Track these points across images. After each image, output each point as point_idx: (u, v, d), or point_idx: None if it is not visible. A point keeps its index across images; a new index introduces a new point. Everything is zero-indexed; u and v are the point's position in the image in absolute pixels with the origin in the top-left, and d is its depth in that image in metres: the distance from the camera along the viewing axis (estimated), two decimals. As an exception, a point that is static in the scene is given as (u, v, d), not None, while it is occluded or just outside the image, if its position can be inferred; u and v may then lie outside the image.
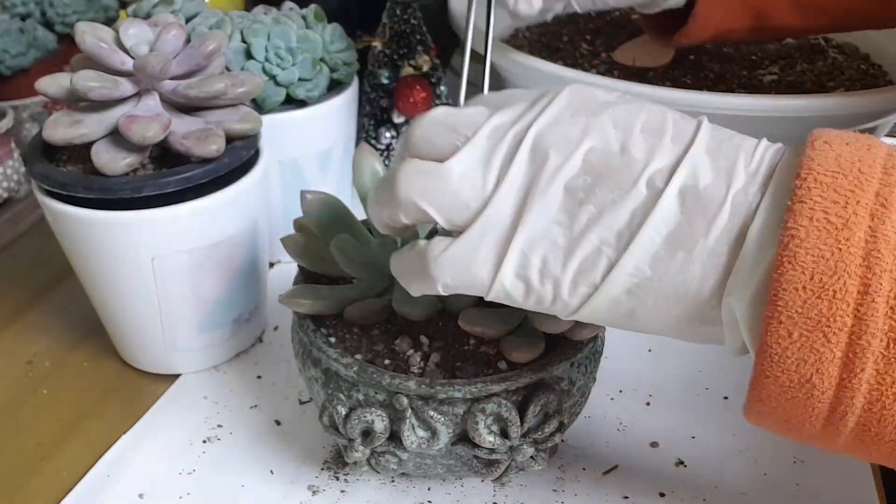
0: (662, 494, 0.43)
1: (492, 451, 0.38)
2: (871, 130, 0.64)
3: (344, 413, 0.39)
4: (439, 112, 0.33)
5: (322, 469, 0.45)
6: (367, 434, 0.39)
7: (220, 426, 0.48)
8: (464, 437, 0.38)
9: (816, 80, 0.70)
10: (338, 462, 0.45)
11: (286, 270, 0.62)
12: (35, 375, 0.52)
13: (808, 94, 0.63)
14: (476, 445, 0.38)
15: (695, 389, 0.50)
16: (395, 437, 0.39)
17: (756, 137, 0.33)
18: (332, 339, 0.41)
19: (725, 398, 0.49)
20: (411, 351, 0.41)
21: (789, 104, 0.58)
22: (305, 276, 0.45)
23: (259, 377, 0.52)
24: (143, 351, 0.51)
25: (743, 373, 0.30)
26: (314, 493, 0.43)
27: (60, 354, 0.54)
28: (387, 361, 0.40)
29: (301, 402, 0.49)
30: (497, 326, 0.39)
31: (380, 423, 0.38)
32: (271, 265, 0.62)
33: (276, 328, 0.56)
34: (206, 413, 0.49)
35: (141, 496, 0.43)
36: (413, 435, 0.38)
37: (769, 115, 0.58)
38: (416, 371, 0.40)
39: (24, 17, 0.72)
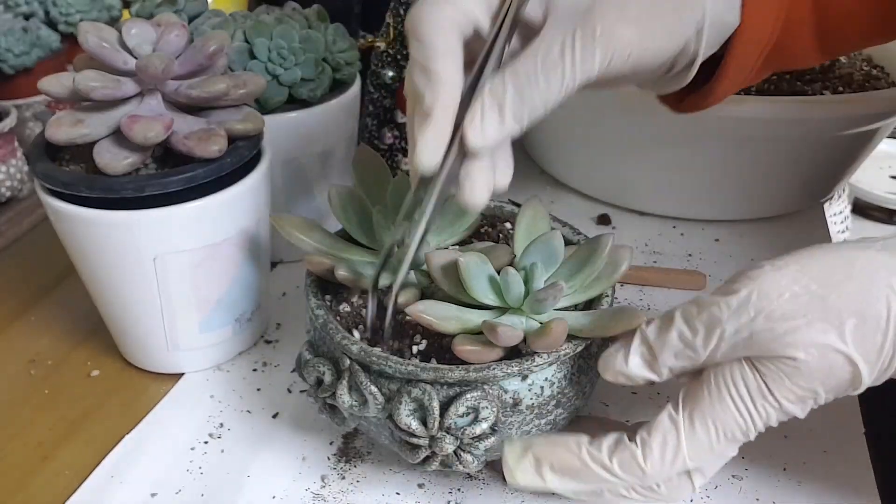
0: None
1: (412, 435, 0.39)
2: (874, 132, 0.64)
3: (305, 359, 0.42)
4: None
5: (326, 465, 0.45)
6: (320, 383, 0.41)
7: (223, 425, 0.48)
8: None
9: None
10: (342, 458, 0.45)
11: (288, 270, 0.62)
12: (37, 375, 0.52)
13: (810, 96, 0.63)
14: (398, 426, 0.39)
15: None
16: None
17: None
18: (332, 301, 0.44)
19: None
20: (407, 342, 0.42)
21: (792, 106, 0.58)
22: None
23: (262, 376, 0.52)
24: (146, 350, 0.51)
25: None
26: (320, 487, 0.44)
27: (62, 354, 0.54)
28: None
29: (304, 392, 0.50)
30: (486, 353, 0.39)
31: (329, 376, 0.40)
32: (273, 265, 0.62)
33: (278, 326, 0.56)
34: (210, 412, 0.49)
35: (154, 495, 0.43)
36: (346, 396, 0.40)
37: (772, 118, 0.58)
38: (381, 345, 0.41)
39: (27, 17, 0.72)
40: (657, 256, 0.63)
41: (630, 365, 0.38)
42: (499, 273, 0.40)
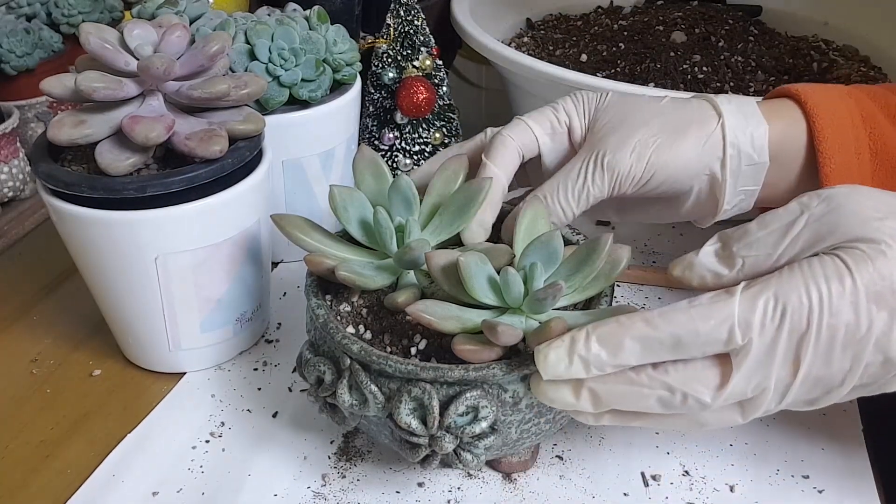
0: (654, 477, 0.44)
1: (412, 434, 0.39)
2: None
3: (306, 358, 0.42)
4: None
5: (327, 464, 0.45)
6: (321, 383, 0.41)
7: (224, 424, 0.48)
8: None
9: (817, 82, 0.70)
10: (343, 457, 0.46)
11: (288, 270, 0.62)
12: (39, 374, 0.53)
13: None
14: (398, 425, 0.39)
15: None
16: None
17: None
18: (332, 301, 0.44)
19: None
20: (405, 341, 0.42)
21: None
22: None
23: (262, 375, 0.52)
24: (147, 350, 0.52)
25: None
26: (321, 486, 0.44)
27: (64, 353, 0.54)
28: (377, 338, 0.42)
29: (303, 392, 0.50)
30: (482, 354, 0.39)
31: (329, 375, 0.41)
32: (274, 265, 0.62)
33: (278, 326, 0.56)
34: (211, 411, 0.49)
35: (155, 494, 0.44)
36: (346, 395, 0.40)
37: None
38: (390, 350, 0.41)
39: (29, 18, 0.72)
40: (656, 256, 0.63)
41: (700, 255, 0.37)
42: (498, 273, 0.40)
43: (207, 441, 0.47)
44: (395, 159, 0.70)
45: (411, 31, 0.68)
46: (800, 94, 0.47)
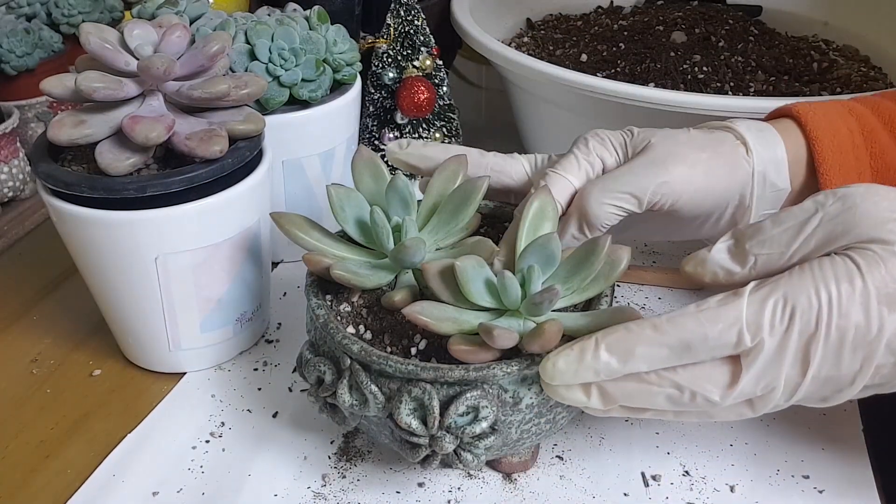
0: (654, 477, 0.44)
1: (412, 434, 0.39)
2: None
3: (306, 358, 0.42)
4: None
5: (327, 464, 0.45)
6: (321, 383, 0.41)
7: (224, 424, 0.48)
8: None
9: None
10: (343, 457, 0.46)
11: (289, 270, 0.62)
12: (39, 374, 0.53)
13: (808, 97, 0.63)
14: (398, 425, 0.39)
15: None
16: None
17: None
18: (332, 301, 0.44)
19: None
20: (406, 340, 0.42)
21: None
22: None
23: (263, 375, 0.52)
24: (147, 350, 0.52)
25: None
26: (321, 486, 0.44)
27: (64, 353, 0.54)
28: (377, 338, 0.42)
29: (304, 392, 0.50)
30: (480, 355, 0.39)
31: (329, 375, 0.41)
32: (274, 265, 0.62)
33: (278, 326, 0.56)
34: (211, 411, 0.49)
35: (155, 494, 0.44)
36: (347, 395, 0.40)
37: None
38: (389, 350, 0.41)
39: (29, 18, 0.72)
40: (657, 256, 0.63)
41: (713, 251, 0.37)
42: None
43: (207, 441, 0.47)
44: (395, 159, 0.70)
45: (411, 31, 0.68)
46: (800, 115, 0.47)
